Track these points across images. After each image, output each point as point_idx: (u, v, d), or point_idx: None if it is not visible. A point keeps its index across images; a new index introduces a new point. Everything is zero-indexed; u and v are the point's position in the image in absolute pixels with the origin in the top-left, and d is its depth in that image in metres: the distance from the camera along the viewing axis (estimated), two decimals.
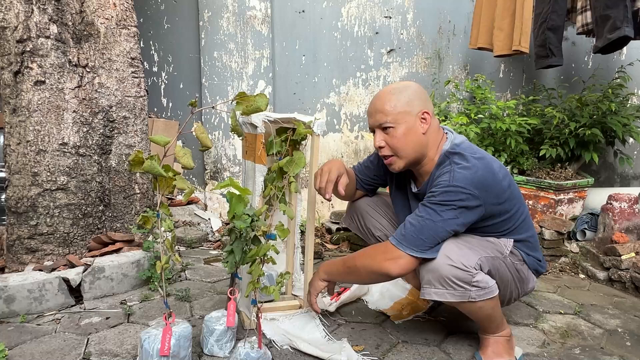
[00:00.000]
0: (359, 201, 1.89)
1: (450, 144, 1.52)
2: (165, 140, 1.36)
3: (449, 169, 1.43)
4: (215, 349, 1.55)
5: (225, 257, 1.48)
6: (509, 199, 1.49)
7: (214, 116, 3.58)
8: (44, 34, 2.06)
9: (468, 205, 1.39)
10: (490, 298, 1.42)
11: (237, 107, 1.42)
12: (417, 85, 1.54)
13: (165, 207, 1.43)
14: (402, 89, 1.51)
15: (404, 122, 1.48)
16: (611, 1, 2.56)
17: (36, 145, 2.07)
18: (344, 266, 1.57)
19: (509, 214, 1.51)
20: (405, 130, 1.48)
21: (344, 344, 1.60)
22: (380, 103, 1.50)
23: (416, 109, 1.49)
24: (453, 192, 1.38)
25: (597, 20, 2.66)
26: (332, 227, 3.15)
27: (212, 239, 3.09)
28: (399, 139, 1.49)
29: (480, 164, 1.43)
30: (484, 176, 1.41)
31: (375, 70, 3.72)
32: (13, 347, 1.60)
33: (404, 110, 1.47)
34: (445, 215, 1.38)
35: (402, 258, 1.41)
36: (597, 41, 2.70)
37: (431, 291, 1.43)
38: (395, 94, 1.49)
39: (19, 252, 2.10)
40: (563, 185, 2.93)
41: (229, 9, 3.48)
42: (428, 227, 1.39)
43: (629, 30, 2.52)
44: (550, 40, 2.93)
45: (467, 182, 1.38)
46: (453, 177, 1.39)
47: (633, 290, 2.27)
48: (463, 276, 1.38)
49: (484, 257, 1.43)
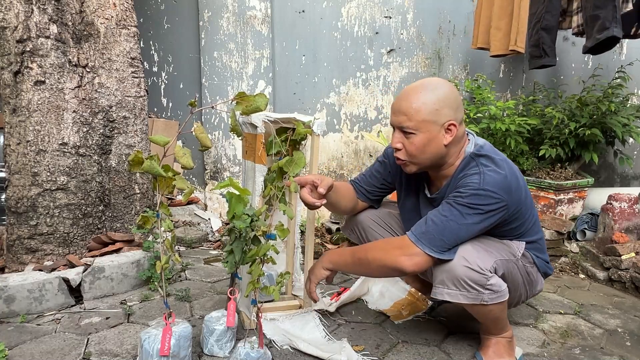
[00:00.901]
0: (360, 214, 1.82)
1: (473, 145, 1.46)
2: (164, 140, 1.36)
3: (477, 170, 1.38)
4: (215, 349, 1.55)
5: (225, 257, 1.48)
6: (526, 201, 1.47)
7: (214, 116, 3.58)
8: (44, 34, 2.06)
9: (494, 209, 1.35)
10: (501, 302, 1.42)
11: (236, 107, 1.42)
12: (450, 88, 1.42)
13: (165, 207, 1.43)
14: (432, 91, 1.38)
15: (426, 131, 1.38)
16: (600, 2, 2.57)
17: (36, 145, 2.07)
18: (354, 257, 1.52)
19: (524, 218, 1.49)
20: (426, 140, 1.39)
21: (344, 344, 1.60)
22: (406, 105, 1.39)
23: (443, 119, 1.38)
24: (483, 195, 1.34)
25: (587, 20, 2.68)
26: (332, 227, 3.15)
27: (212, 239, 3.09)
28: (417, 147, 1.40)
29: (508, 168, 1.40)
30: (511, 181, 1.38)
31: (375, 70, 3.72)
32: (13, 347, 1.60)
33: (429, 119, 1.37)
34: (470, 220, 1.35)
35: (418, 256, 1.37)
36: (587, 41, 2.71)
37: (443, 291, 1.41)
38: (424, 96, 1.37)
39: (19, 252, 2.10)
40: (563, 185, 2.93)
41: (229, 9, 3.48)
42: (451, 228, 1.35)
43: (617, 31, 2.53)
44: (544, 40, 2.93)
45: (497, 186, 1.34)
46: (484, 180, 1.35)
47: (633, 290, 2.27)
48: (478, 278, 1.36)
49: (499, 260, 1.41)
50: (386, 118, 3.78)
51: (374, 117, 3.77)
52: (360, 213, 1.82)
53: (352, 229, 1.86)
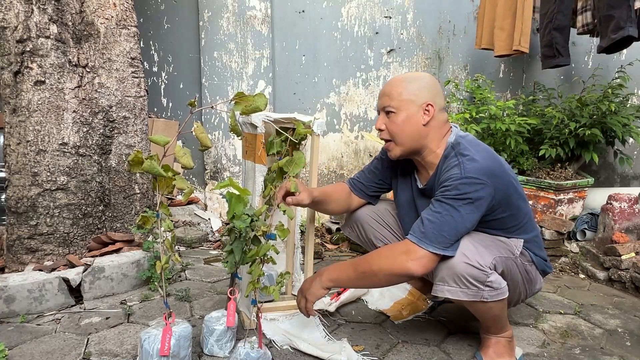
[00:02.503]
0: (358, 211, 1.84)
1: (455, 136, 1.52)
2: (164, 140, 1.36)
3: (457, 161, 1.43)
4: (215, 349, 1.55)
5: (225, 257, 1.48)
6: (515, 191, 1.50)
7: (214, 116, 3.58)
8: (44, 34, 2.06)
9: (482, 195, 1.38)
10: (501, 299, 1.42)
11: (235, 107, 1.42)
12: (431, 78, 1.56)
13: (165, 207, 1.43)
14: (414, 78, 1.53)
15: (405, 109, 1.50)
16: (615, 1, 2.56)
17: (36, 145, 2.07)
18: (357, 272, 1.47)
19: (515, 209, 1.51)
20: (405, 118, 1.50)
21: (344, 344, 1.60)
22: (389, 88, 1.54)
23: (421, 100, 1.49)
24: (467, 183, 1.37)
25: (601, 20, 2.67)
26: (332, 227, 3.15)
27: (212, 239, 3.09)
28: (398, 124, 1.51)
29: (487, 154, 1.45)
30: (492, 165, 1.42)
31: (375, 70, 3.72)
32: (13, 347, 1.60)
33: (408, 98, 1.49)
34: (463, 211, 1.37)
35: (424, 257, 1.37)
36: (601, 41, 2.70)
37: (444, 288, 1.41)
38: (406, 82, 1.52)
39: (19, 252, 2.10)
40: (563, 185, 2.93)
41: (229, 9, 3.48)
42: (448, 223, 1.37)
43: (633, 30, 2.52)
44: (557, 40, 2.93)
45: (478, 172, 1.38)
46: (464, 169, 1.39)
47: (633, 290, 2.27)
48: (478, 275, 1.37)
49: (498, 257, 1.42)
50: None
51: (374, 117, 3.76)
52: (359, 211, 1.83)
53: (351, 228, 1.88)
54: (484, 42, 3.31)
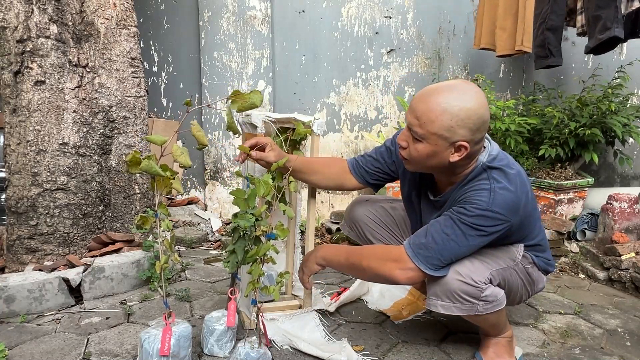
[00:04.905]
0: (357, 212, 1.81)
1: (487, 155, 1.36)
2: (162, 140, 1.36)
3: (488, 185, 1.31)
4: (215, 349, 1.55)
5: (227, 257, 1.48)
6: (532, 215, 1.44)
7: (213, 116, 3.58)
8: (44, 34, 2.06)
9: (498, 230, 1.31)
10: (496, 311, 1.40)
11: (232, 105, 1.42)
12: (476, 104, 1.25)
13: (164, 207, 1.43)
14: (454, 104, 1.24)
15: (433, 143, 1.29)
16: (602, 2, 2.57)
17: (36, 145, 2.07)
18: (347, 261, 1.48)
19: (527, 229, 1.47)
20: (431, 152, 1.31)
21: (344, 344, 1.60)
22: (420, 109, 1.28)
23: (455, 138, 1.26)
24: (489, 217, 1.29)
25: (589, 20, 2.68)
26: (332, 227, 3.15)
27: (212, 239, 3.09)
28: (420, 155, 1.32)
29: (519, 182, 1.33)
30: (521, 198, 1.32)
31: (375, 70, 3.72)
32: (13, 347, 1.60)
33: (440, 133, 1.26)
34: (472, 242, 1.31)
35: (412, 271, 1.35)
36: (589, 41, 2.71)
37: (437, 303, 1.39)
38: (441, 108, 1.25)
39: (19, 252, 2.10)
40: (563, 185, 2.93)
41: (229, 9, 3.48)
42: (451, 248, 1.32)
43: (619, 31, 2.53)
44: (550, 40, 2.93)
45: (506, 207, 1.29)
46: (493, 200, 1.28)
47: (633, 290, 2.27)
48: (472, 291, 1.35)
49: (494, 270, 1.39)
50: (386, 118, 3.78)
51: (374, 117, 3.77)
52: (358, 211, 1.82)
53: (350, 227, 1.86)
54: (483, 42, 3.30)
